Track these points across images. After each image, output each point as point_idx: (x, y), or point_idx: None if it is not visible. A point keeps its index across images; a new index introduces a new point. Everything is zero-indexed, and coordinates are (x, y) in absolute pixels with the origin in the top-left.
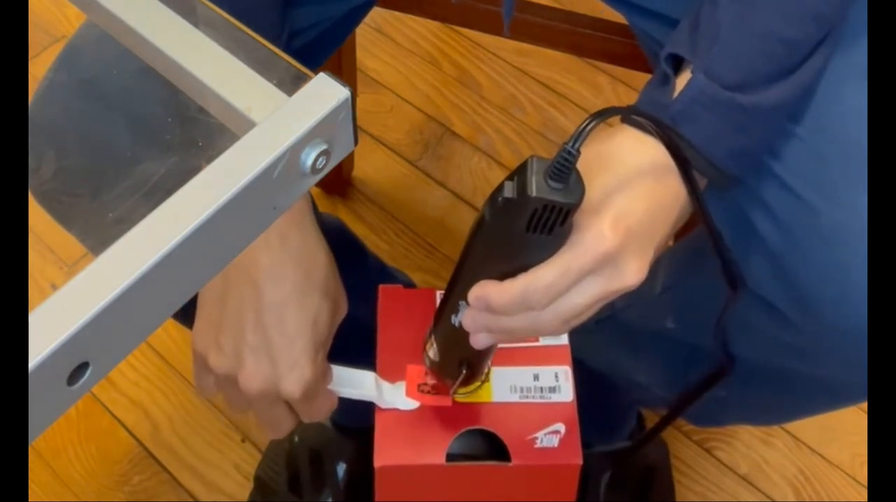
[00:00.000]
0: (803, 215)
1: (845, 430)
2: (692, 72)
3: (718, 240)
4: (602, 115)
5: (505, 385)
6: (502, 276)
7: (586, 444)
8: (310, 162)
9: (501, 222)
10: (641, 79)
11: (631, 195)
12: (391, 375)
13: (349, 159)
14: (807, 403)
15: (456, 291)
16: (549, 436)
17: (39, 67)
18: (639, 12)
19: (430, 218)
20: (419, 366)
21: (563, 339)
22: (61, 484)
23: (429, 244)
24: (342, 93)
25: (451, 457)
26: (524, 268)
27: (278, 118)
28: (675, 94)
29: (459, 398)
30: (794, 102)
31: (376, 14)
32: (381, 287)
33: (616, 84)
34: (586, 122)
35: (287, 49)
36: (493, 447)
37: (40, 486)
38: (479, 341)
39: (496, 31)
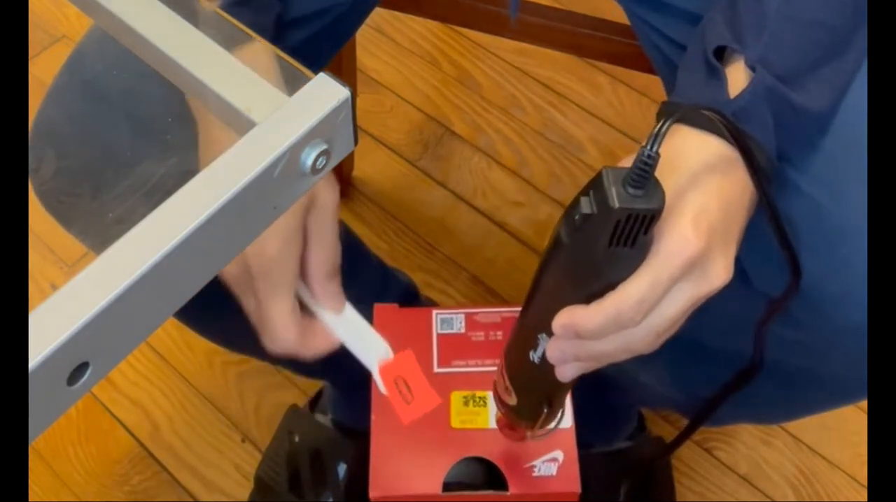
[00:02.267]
0: (808, 212)
1: (845, 430)
2: (748, 65)
3: (783, 231)
4: (674, 115)
5: None
6: (585, 300)
7: (586, 444)
8: (310, 162)
9: (582, 241)
10: (641, 79)
11: (704, 192)
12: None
13: (349, 159)
14: (808, 401)
15: (531, 324)
16: (548, 464)
17: (39, 67)
18: (639, 2)
19: (430, 218)
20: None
21: None
22: (61, 484)
23: (429, 244)
24: (342, 93)
25: (447, 487)
26: (609, 286)
27: (278, 118)
28: (732, 88)
29: (457, 424)
30: (829, 115)
31: (376, 14)
32: (376, 306)
33: (616, 84)
34: (662, 123)
35: (289, 41)
36: (490, 475)
37: (40, 486)
38: (567, 372)
39: (497, 30)
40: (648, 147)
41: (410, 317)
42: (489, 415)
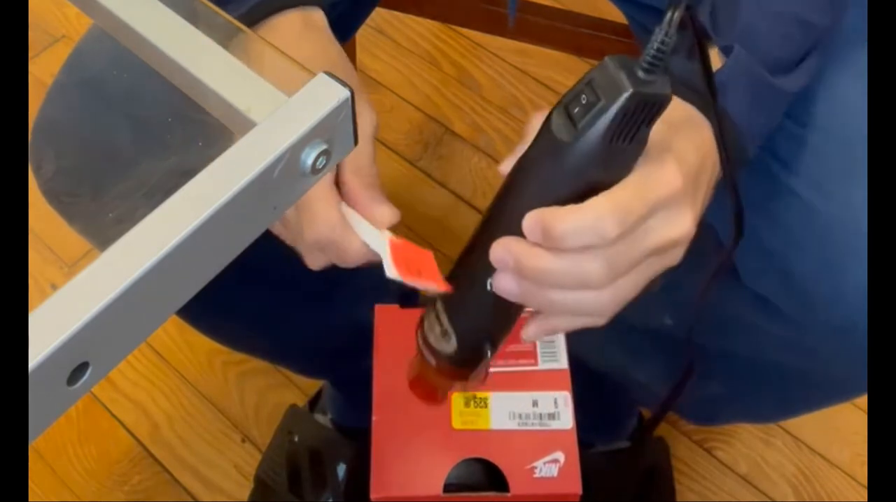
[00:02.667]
0: (800, 212)
1: (845, 430)
2: (720, 47)
3: (735, 187)
4: (684, 2)
5: (503, 411)
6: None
7: (587, 444)
8: (310, 162)
9: (580, 135)
10: None
11: (684, 139)
12: (389, 397)
13: None
14: (804, 399)
15: (490, 238)
16: (549, 466)
17: (39, 67)
18: (638, 7)
19: (430, 218)
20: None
21: (563, 363)
22: (61, 484)
23: (429, 244)
24: (342, 93)
25: (448, 488)
26: (593, 191)
27: (278, 118)
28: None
29: (457, 426)
30: (800, 93)
31: (376, 14)
32: (376, 307)
33: None
34: (674, 9)
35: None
36: (491, 476)
37: (40, 486)
38: (505, 287)
39: (496, 30)
40: (664, 32)
41: (411, 317)
42: (490, 417)
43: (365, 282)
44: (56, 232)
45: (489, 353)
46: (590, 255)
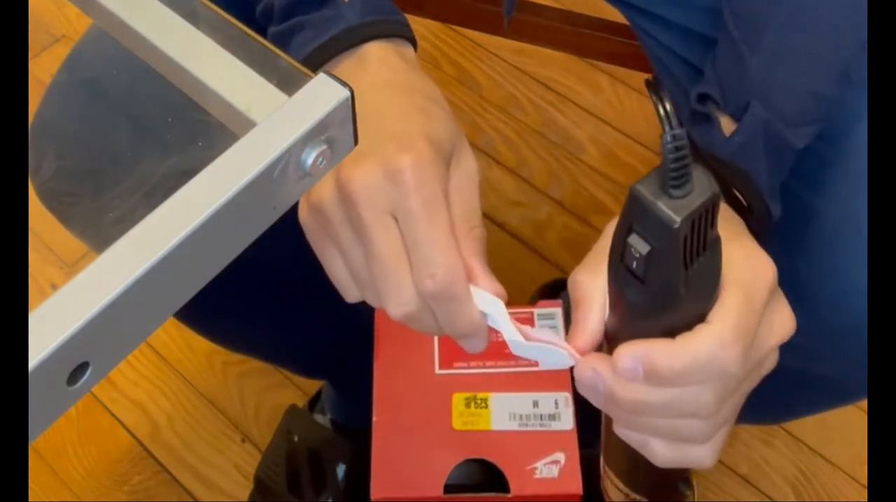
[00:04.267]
0: (803, 216)
1: (845, 430)
2: (730, 114)
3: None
4: (657, 89)
5: (504, 412)
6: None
7: (587, 444)
8: (310, 162)
9: (651, 283)
10: (641, 79)
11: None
12: (389, 397)
13: None
14: (805, 402)
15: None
16: (549, 466)
17: (39, 67)
18: (638, 12)
19: None
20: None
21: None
22: (61, 484)
23: None
24: (342, 93)
25: (449, 488)
26: (695, 316)
27: (278, 118)
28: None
29: (458, 426)
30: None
31: None
32: (377, 307)
33: (616, 84)
34: (659, 105)
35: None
36: (492, 476)
37: (40, 486)
38: (594, 402)
39: (496, 30)
40: (669, 129)
41: None
42: (491, 417)
43: None
44: (56, 232)
45: (686, 491)
46: (703, 387)
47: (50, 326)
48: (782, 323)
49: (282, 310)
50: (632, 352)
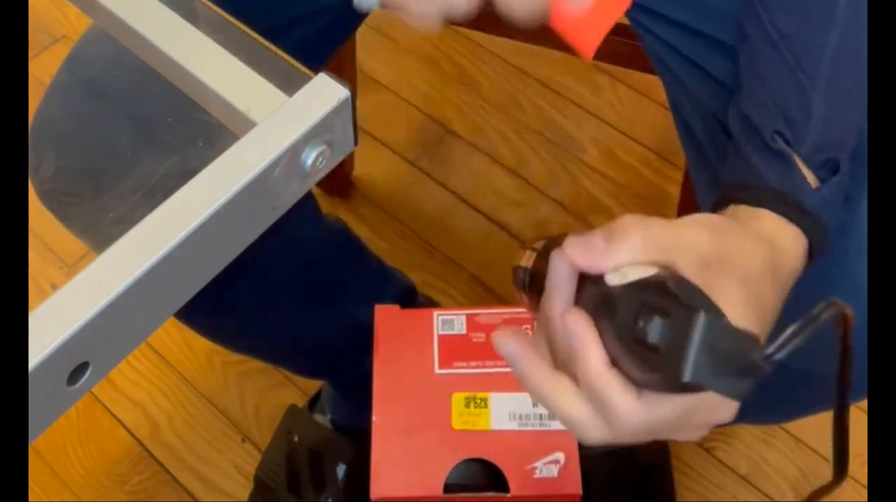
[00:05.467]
0: None
1: None
2: (803, 158)
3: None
4: (814, 321)
5: (504, 412)
6: (611, 356)
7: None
8: (310, 162)
9: (636, 349)
10: (641, 79)
11: (761, 314)
12: (389, 397)
13: (349, 159)
14: (806, 402)
15: None
16: (549, 466)
17: (39, 67)
18: (640, 9)
19: (430, 218)
20: None
21: None
22: (61, 484)
23: (429, 244)
24: (342, 93)
25: (448, 488)
26: (638, 383)
27: (278, 118)
28: (804, 174)
29: (458, 426)
30: None
31: (376, 14)
32: (377, 307)
33: (616, 84)
34: (797, 328)
35: (289, 41)
36: (491, 476)
37: (40, 486)
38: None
39: (497, 30)
40: (774, 348)
41: (411, 318)
42: (490, 417)
43: (365, 283)
44: (56, 232)
45: None
46: (596, 424)
47: (50, 326)
48: (698, 435)
49: (281, 310)
50: (581, 327)
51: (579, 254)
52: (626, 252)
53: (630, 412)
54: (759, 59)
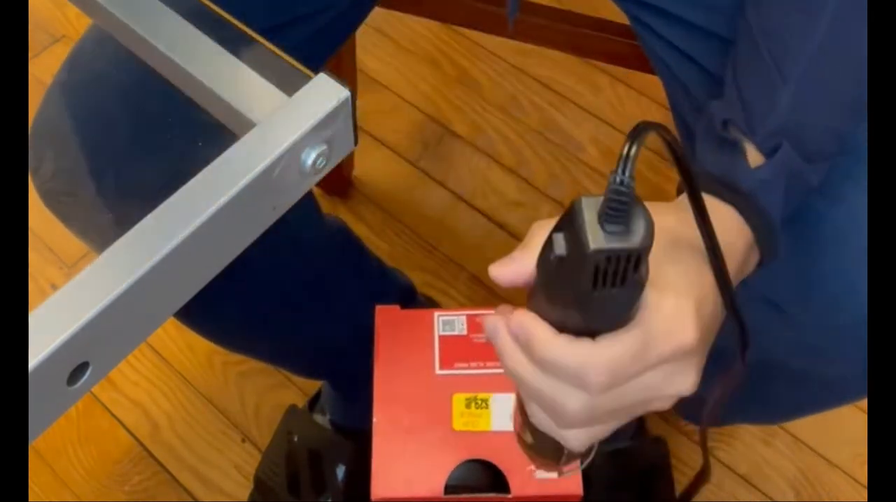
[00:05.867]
0: (807, 217)
1: (845, 430)
2: (755, 140)
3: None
4: (641, 134)
5: (504, 413)
6: (559, 327)
7: None
8: (310, 162)
9: (560, 282)
10: (641, 79)
11: (708, 287)
12: (389, 397)
13: (349, 159)
14: (806, 401)
15: None
16: None
17: (39, 67)
18: (642, 7)
19: (430, 218)
20: None
21: None
22: (61, 484)
23: (429, 244)
24: (342, 93)
25: (449, 489)
26: (589, 328)
27: (278, 118)
28: (749, 161)
29: (458, 427)
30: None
31: (376, 14)
32: (377, 308)
33: (616, 84)
34: (627, 145)
35: (289, 41)
36: (492, 477)
37: (40, 486)
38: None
39: (497, 30)
40: (619, 173)
41: (412, 318)
42: (491, 418)
43: (365, 283)
44: (56, 232)
45: (564, 451)
46: (571, 392)
47: (50, 326)
48: (681, 382)
49: (281, 311)
50: (522, 321)
51: (502, 271)
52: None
53: (588, 359)
54: (741, 57)
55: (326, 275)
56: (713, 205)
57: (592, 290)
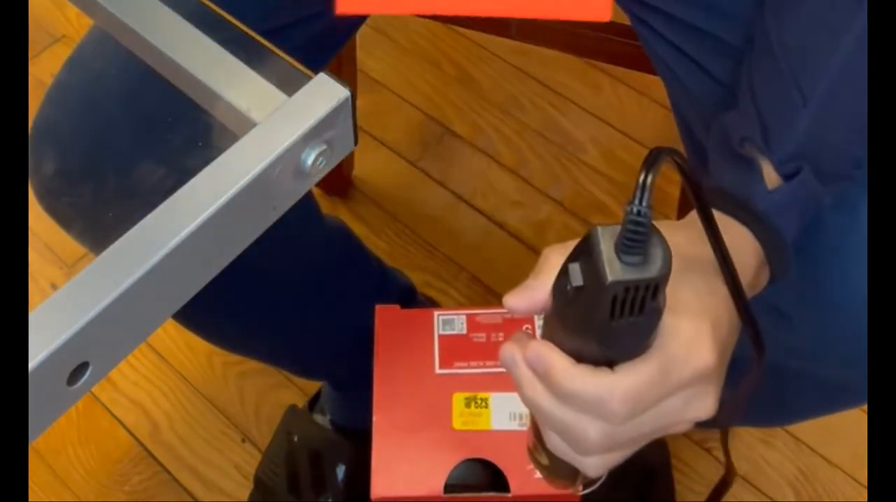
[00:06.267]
0: (812, 221)
1: (845, 430)
2: (776, 168)
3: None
4: (659, 160)
5: (504, 412)
6: (577, 356)
7: None
8: (310, 162)
9: (577, 313)
10: (641, 79)
11: (723, 303)
12: (389, 397)
13: (349, 159)
14: (807, 405)
15: None
16: None
17: (39, 67)
18: (641, 6)
19: (430, 218)
20: None
21: None
22: (61, 484)
23: (429, 244)
24: (342, 93)
25: (449, 488)
26: (608, 358)
27: (278, 118)
28: (766, 180)
29: (458, 426)
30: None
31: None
32: (377, 307)
33: (616, 84)
34: (643, 174)
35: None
36: (492, 476)
37: (40, 486)
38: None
39: (497, 31)
40: (636, 203)
41: (412, 318)
42: (491, 417)
43: (365, 283)
44: (56, 232)
45: (580, 476)
46: (591, 422)
47: (50, 326)
48: (700, 407)
49: (281, 311)
50: (539, 351)
51: (517, 301)
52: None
53: (608, 389)
54: (758, 70)
55: (326, 275)
56: (726, 223)
57: (610, 321)
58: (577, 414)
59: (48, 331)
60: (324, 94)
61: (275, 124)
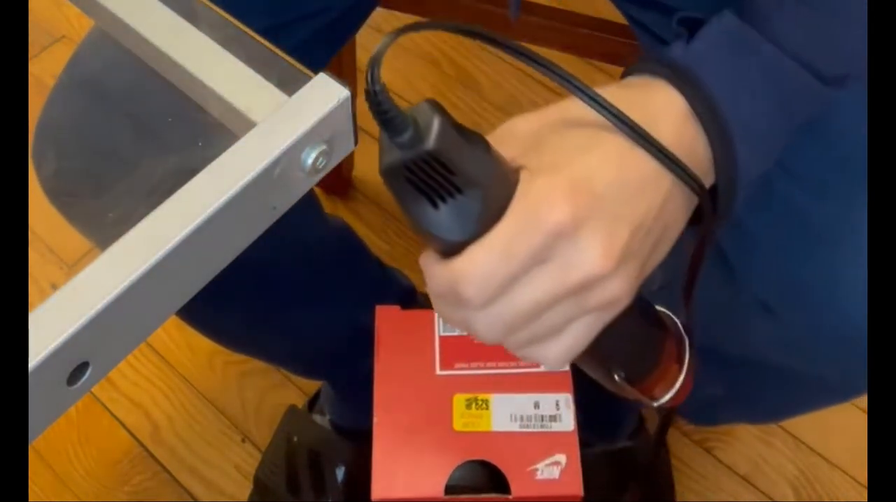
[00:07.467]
0: (799, 216)
1: (845, 430)
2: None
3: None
4: (398, 33)
5: (505, 413)
6: (442, 254)
7: (586, 444)
8: (310, 162)
9: (408, 214)
10: None
11: (601, 154)
12: (390, 398)
13: (349, 159)
14: (803, 400)
15: None
16: (550, 467)
17: (39, 67)
18: (636, 5)
19: None
20: None
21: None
22: (61, 484)
23: None
24: (342, 93)
25: (449, 489)
26: (455, 244)
27: (278, 118)
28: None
29: (459, 427)
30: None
31: (376, 14)
32: (378, 308)
33: None
34: (371, 70)
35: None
36: (493, 478)
37: (40, 486)
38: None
39: (497, 30)
40: (367, 83)
41: (412, 318)
42: (491, 418)
43: (365, 283)
44: (56, 232)
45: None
46: (461, 313)
47: (50, 326)
48: (583, 261)
49: (282, 310)
50: (420, 260)
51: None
52: None
53: (453, 275)
54: None
55: (327, 275)
56: (648, 83)
57: (434, 208)
58: (451, 309)
59: (48, 331)
60: (324, 94)
61: (275, 124)
